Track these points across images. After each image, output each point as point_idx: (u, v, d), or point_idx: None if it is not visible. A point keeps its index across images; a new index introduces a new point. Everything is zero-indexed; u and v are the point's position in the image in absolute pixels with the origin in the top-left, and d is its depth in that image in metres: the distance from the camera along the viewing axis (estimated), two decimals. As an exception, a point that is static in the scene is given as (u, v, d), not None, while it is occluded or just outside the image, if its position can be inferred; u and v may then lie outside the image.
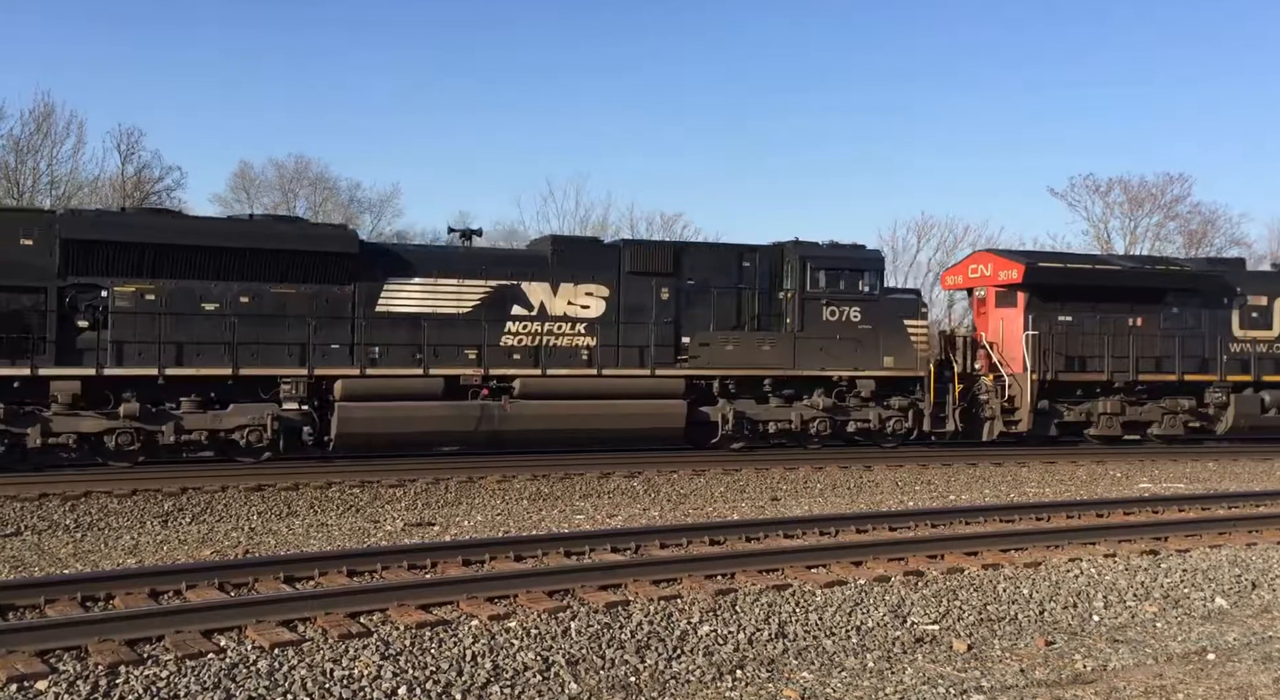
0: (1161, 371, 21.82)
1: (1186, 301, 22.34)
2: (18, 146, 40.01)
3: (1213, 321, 22.48)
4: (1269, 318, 23.06)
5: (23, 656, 6.44)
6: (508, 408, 17.14)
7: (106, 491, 13.46)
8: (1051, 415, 21.25)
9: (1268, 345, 22.81)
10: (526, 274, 18.10)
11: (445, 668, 6.74)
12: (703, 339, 18.85)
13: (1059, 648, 7.83)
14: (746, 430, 19.07)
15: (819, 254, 19.86)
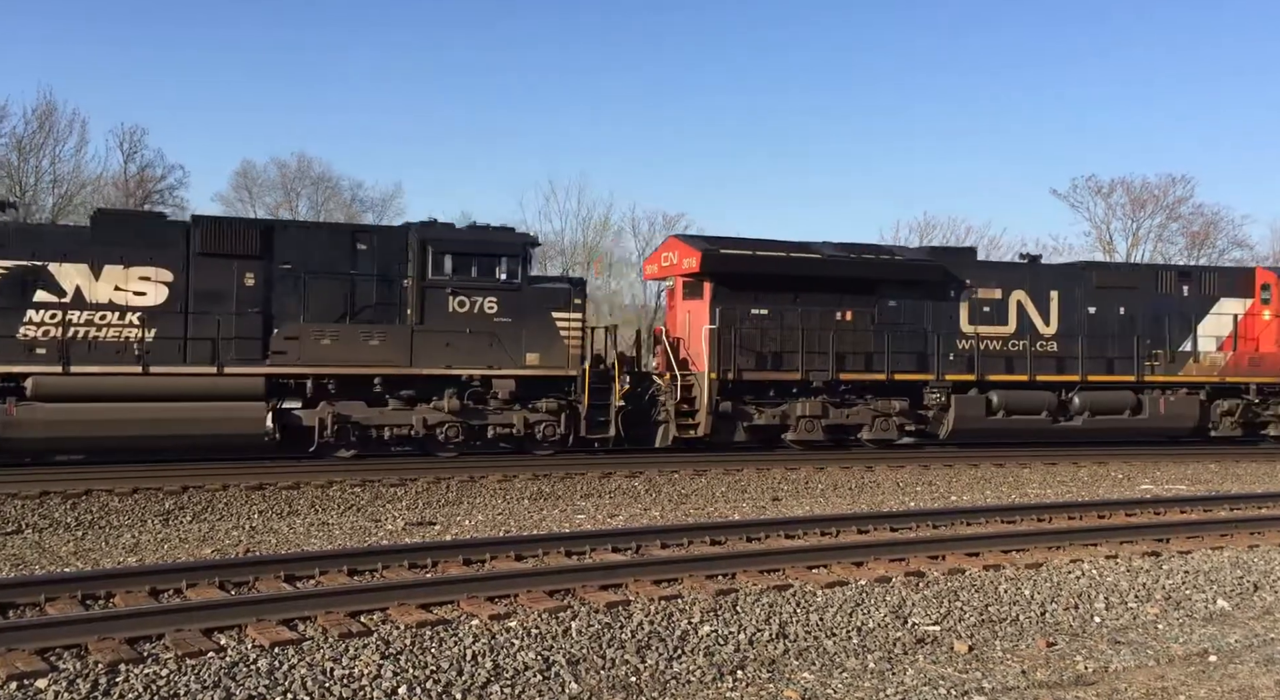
0: (871, 370, 19.76)
1: (905, 294, 20.22)
2: (20, 145, 40.09)
3: (936, 316, 20.40)
4: (1003, 312, 21.02)
5: (23, 654, 6.44)
6: (11, 412, 14.86)
7: (107, 490, 13.46)
8: (737, 418, 19.05)
9: (1001, 342, 20.77)
10: (57, 253, 15.57)
11: (446, 667, 6.74)
12: (290, 331, 16.44)
13: (1060, 649, 7.82)
14: (354, 436, 16.86)
15: (445, 237, 17.49)
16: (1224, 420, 22.28)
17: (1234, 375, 22.34)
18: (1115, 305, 21.78)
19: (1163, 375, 21.74)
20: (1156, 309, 22.00)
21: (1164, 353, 21.76)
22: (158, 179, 44.06)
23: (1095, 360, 21.32)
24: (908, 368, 20.11)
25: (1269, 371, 22.57)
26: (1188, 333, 22.07)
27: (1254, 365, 22.45)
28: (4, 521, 11.68)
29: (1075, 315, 21.39)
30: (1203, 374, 22.09)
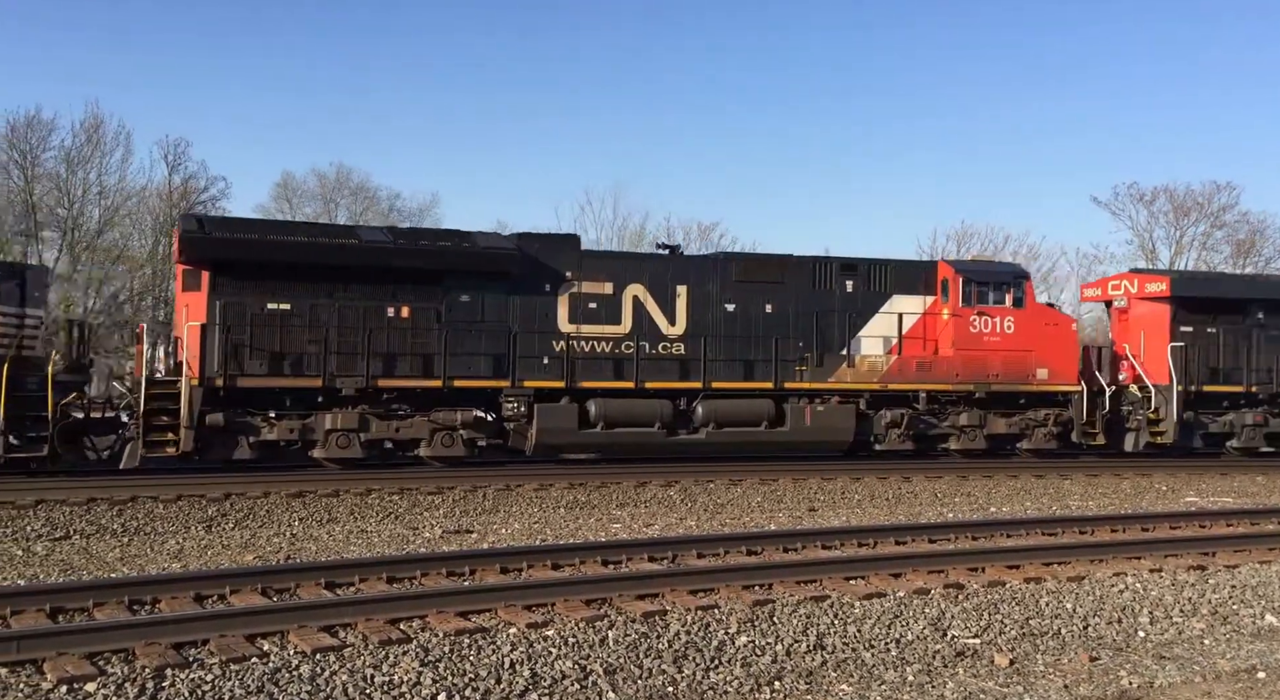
0: (428, 375, 16.98)
1: (481, 288, 17.46)
2: (69, 157, 40.94)
3: (526, 316, 17.60)
4: (615, 310, 18.13)
5: (72, 659, 6.57)
6: None
7: (153, 496, 13.70)
8: (236, 432, 16.15)
9: (611, 343, 18.02)
10: None
11: (484, 675, 6.78)
12: None
13: (1104, 664, 7.71)
14: None
15: None
16: (890, 432, 19.41)
17: (899, 381, 19.35)
18: (761, 302, 18.84)
19: (809, 382, 18.77)
20: (809, 306, 19.00)
21: (812, 356, 18.90)
22: (201, 190, 44.82)
23: (730, 364, 18.50)
24: (480, 372, 17.23)
25: (942, 377, 19.62)
26: (848, 334, 19.22)
27: (924, 370, 19.53)
28: (53, 527, 11.93)
29: (709, 313, 18.60)
30: (859, 380, 19.10)
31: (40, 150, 40.64)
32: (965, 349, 19.78)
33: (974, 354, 19.81)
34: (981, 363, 19.84)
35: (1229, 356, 21.67)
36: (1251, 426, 21.82)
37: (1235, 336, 21.76)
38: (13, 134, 39.98)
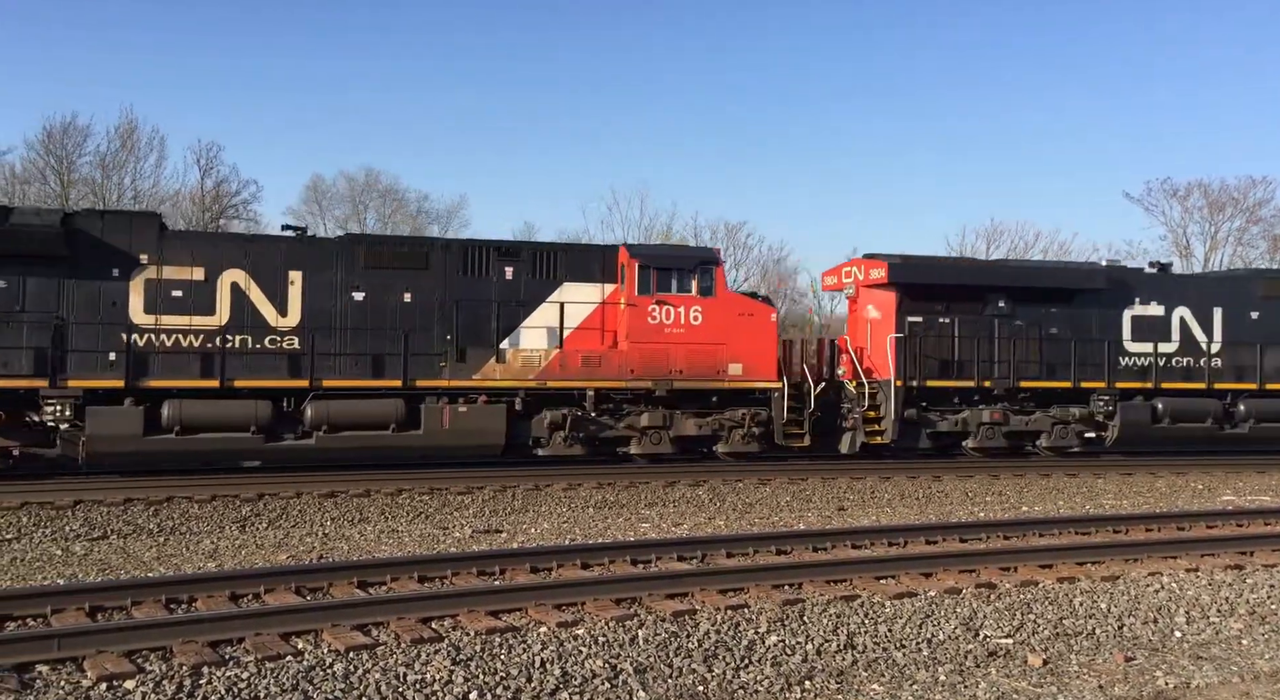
0: None
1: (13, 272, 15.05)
2: (104, 163, 41.58)
3: (85, 305, 15.35)
4: (209, 299, 15.86)
5: (112, 656, 6.69)
6: None
7: (188, 497, 13.89)
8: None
9: (203, 337, 15.78)
10: None
11: (515, 674, 6.82)
12: None
13: (1139, 664, 7.63)
14: None
15: None
16: (554, 435, 17.26)
17: (559, 378, 17.27)
18: (399, 290, 16.79)
19: (450, 379, 16.79)
20: (456, 296, 16.96)
21: (451, 350, 16.83)
22: (233, 194, 45.38)
23: (355, 360, 16.45)
24: (17, 370, 14.94)
25: (613, 373, 17.54)
26: (504, 326, 17.11)
27: (591, 366, 17.43)
28: (91, 527, 12.12)
29: (331, 302, 16.44)
30: (512, 377, 17.05)
31: (76, 156, 41.35)
32: (642, 342, 17.62)
33: (653, 347, 17.65)
34: (663, 357, 17.71)
35: (964, 349, 19.61)
36: (988, 424, 19.72)
37: (972, 327, 19.69)
38: (49, 140, 40.70)
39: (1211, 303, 21.19)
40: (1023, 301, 20.07)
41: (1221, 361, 21.01)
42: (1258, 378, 21.01)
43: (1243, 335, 21.11)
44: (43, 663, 6.58)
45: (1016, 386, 19.84)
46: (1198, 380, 20.81)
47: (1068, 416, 20.08)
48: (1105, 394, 20.13)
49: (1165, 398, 20.43)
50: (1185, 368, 20.92)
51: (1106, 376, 20.12)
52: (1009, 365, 19.76)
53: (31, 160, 41.05)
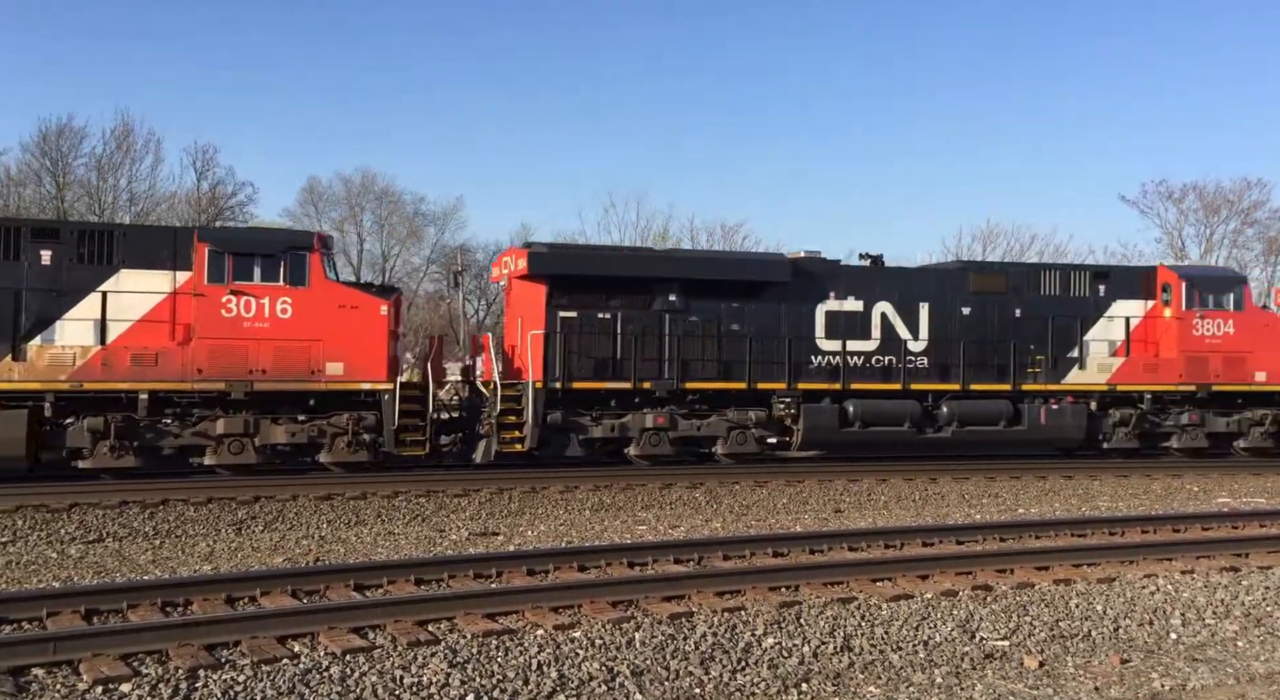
0: None
1: None
2: (100, 165, 41.49)
3: None
4: None
5: (108, 659, 6.67)
6: None
7: (183, 500, 13.86)
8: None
9: None
10: None
11: (512, 676, 6.82)
12: None
13: (1135, 666, 7.64)
14: None
15: None
16: (99, 444, 15.27)
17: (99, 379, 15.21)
18: None
19: None
20: None
21: None
22: (229, 196, 45.30)
23: None
24: None
25: (174, 373, 15.40)
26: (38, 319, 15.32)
27: (143, 364, 15.26)
28: (86, 530, 12.10)
29: None
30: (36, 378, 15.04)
31: (72, 158, 41.26)
32: (214, 337, 15.61)
33: (228, 343, 15.69)
34: (240, 354, 15.70)
35: (625, 347, 17.84)
36: (652, 430, 17.89)
37: (637, 323, 17.97)
38: (44, 142, 40.62)
39: (918, 298, 19.66)
40: (699, 295, 18.29)
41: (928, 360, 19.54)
42: None
43: (949, 332, 19.60)
44: (38, 666, 6.57)
45: (681, 388, 18.10)
46: (894, 380, 19.20)
47: (746, 420, 18.35)
48: (787, 395, 18.45)
49: (858, 399, 18.79)
50: (885, 367, 19.31)
51: (789, 377, 18.43)
52: (676, 365, 18.07)
53: (27, 162, 40.99)
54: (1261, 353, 20.73)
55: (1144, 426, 20.56)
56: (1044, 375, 20.00)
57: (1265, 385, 20.81)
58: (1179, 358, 20.42)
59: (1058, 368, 20.13)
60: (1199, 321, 20.54)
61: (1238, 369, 20.68)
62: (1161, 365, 20.50)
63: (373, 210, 53.52)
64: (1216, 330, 20.60)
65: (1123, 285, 20.86)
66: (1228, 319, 20.65)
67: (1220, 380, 20.60)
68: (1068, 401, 20.10)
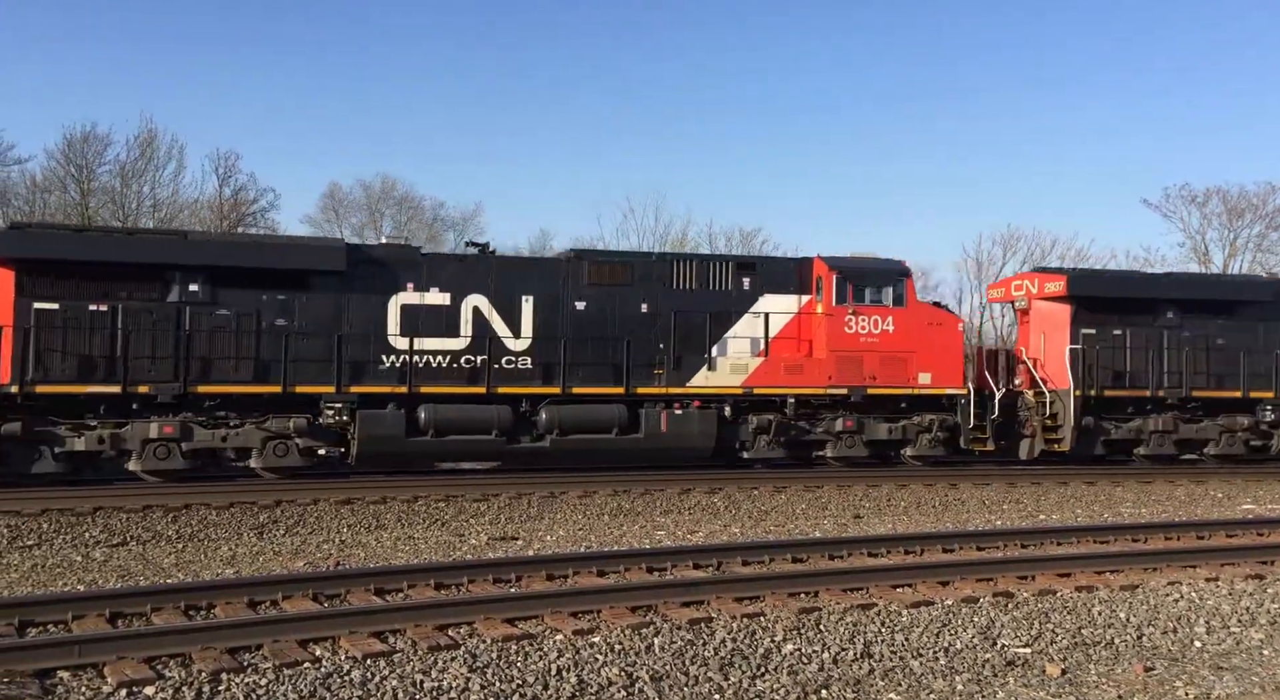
0: None
1: None
2: (124, 171, 41.91)
3: None
4: None
5: (132, 662, 6.73)
6: None
7: (206, 504, 13.98)
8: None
9: None
10: None
11: (531, 681, 6.83)
12: None
13: (1159, 674, 7.57)
14: None
15: None
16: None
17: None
18: None
19: None
20: None
21: None
22: (251, 202, 45.64)
23: None
24: None
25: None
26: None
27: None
28: (111, 534, 12.22)
29: None
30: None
31: (96, 165, 41.70)
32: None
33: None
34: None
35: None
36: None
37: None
38: (69, 149, 41.07)
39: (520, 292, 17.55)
40: (230, 285, 16.29)
41: None
42: None
43: None
44: (64, 669, 6.63)
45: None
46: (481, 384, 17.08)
47: (285, 429, 16.27)
48: (338, 400, 16.38)
49: (433, 404, 16.76)
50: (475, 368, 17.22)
51: (339, 379, 16.45)
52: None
53: (52, 169, 41.44)
54: (925, 353, 18.98)
55: (789, 434, 18.57)
56: (666, 377, 18.00)
57: (929, 388, 19.05)
58: (829, 358, 18.52)
59: (681, 368, 18.07)
60: (851, 318, 18.69)
61: (898, 370, 18.86)
62: (807, 365, 18.53)
63: (392, 216, 53.76)
64: (874, 328, 18.85)
65: (772, 278, 18.72)
66: (885, 315, 18.83)
67: (877, 383, 18.78)
68: (694, 406, 18.03)
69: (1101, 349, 20.14)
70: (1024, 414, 19.99)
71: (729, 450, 18.54)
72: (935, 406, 19.34)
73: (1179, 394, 20.35)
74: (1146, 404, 20.46)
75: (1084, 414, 19.81)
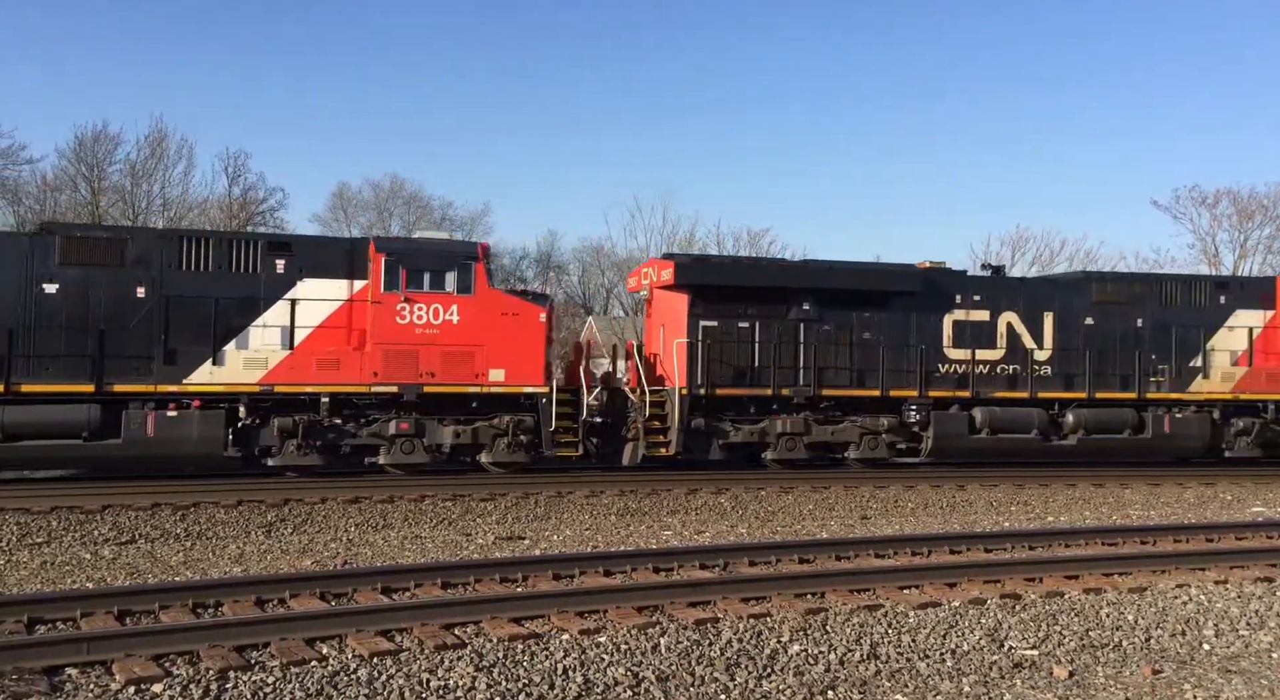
0: None
1: None
2: (134, 171, 42.10)
3: None
4: None
5: (140, 660, 6.76)
6: None
7: (214, 502, 14.02)
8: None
9: None
10: None
11: (538, 681, 6.84)
12: None
13: (1167, 677, 7.54)
14: None
15: None
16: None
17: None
18: None
19: None
20: None
21: None
22: (260, 201, 45.82)
23: None
24: None
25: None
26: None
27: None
28: (119, 532, 12.26)
29: None
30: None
31: (107, 164, 41.90)
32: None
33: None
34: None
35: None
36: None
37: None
38: (80, 149, 41.28)
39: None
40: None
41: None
42: None
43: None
44: (72, 666, 6.66)
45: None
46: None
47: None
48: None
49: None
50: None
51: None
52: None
53: (63, 169, 41.66)
54: (497, 347, 17.10)
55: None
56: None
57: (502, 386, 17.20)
58: (375, 351, 16.69)
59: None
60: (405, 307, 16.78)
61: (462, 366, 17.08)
62: (349, 359, 16.63)
63: (400, 215, 53.99)
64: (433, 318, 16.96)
65: (313, 261, 16.83)
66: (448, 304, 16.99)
67: (435, 379, 16.98)
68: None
69: (725, 344, 18.55)
70: (631, 414, 18.43)
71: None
72: (514, 406, 17.42)
73: (807, 393, 18.69)
74: (773, 404, 18.75)
75: (694, 414, 18.19)
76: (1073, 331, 20.31)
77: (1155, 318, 20.69)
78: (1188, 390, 20.64)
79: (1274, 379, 20.87)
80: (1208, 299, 21.18)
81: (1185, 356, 20.70)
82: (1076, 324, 20.36)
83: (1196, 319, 20.88)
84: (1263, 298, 21.42)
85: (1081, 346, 20.27)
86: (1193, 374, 20.73)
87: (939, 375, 19.48)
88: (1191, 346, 20.75)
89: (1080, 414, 19.96)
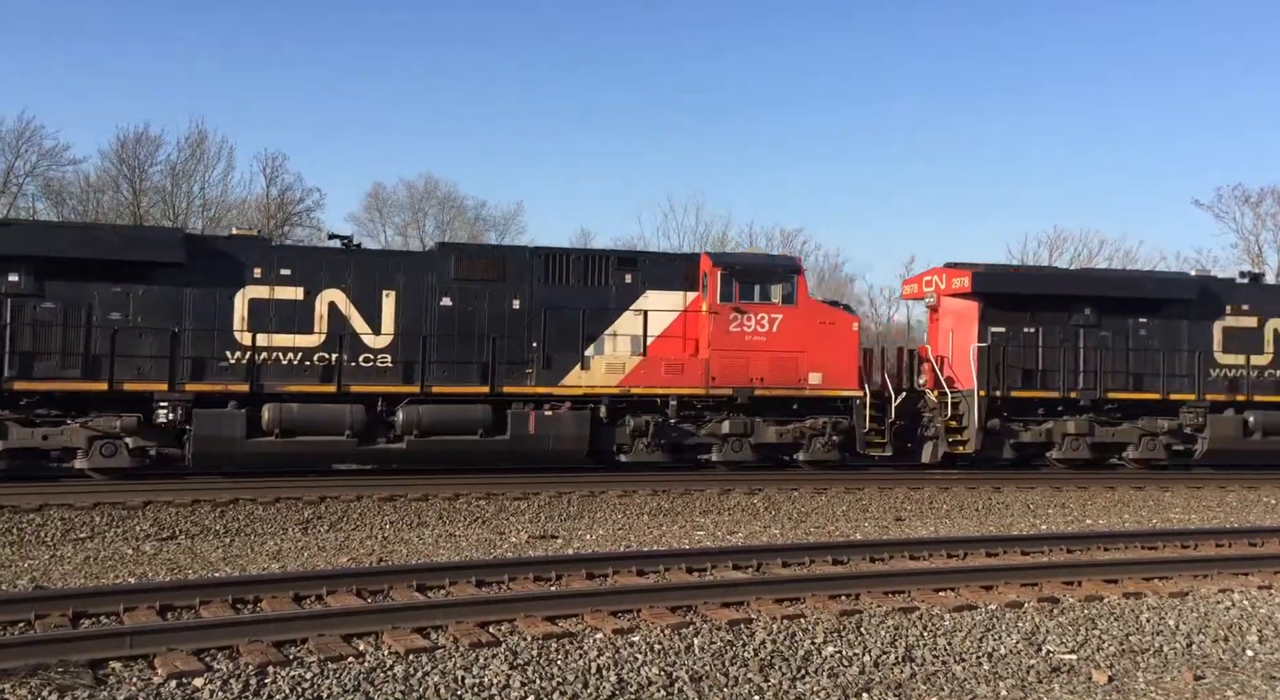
0: None
1: None
2: (174, 172, 42.72)
3: None
4: None
5: (181, 654, 6.87)
6: None
7: (252, 499, 14.20)
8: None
9: None
10: None
11: (571, 679, 6.87)
12: None
13: (1209, 683, 7.42)
14: None
15: None
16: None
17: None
18: None
19: None
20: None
21: None
22: (297, 201, 46.30)
23: None
24: None
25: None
26: None
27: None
28: (160, 528, 12.46)
29: None
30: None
31: (148, 165, 42.54)
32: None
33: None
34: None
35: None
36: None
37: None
38: (122, 150, 41.94)
39: None
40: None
41: None
42: None
43: None
44: (116, 660, 6.78)
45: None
46: None
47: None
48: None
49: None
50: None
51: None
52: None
53: (105, 170, 42.35)
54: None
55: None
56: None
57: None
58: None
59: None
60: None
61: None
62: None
63: (435, 215, 54.28)
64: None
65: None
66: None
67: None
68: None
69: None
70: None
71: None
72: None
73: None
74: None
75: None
76: None
77: (539, 297, 17.45)
78: (560, 384, 17.39)
79: (675, 370, 17.73)
80: (610, 278, 17.89)
81: (565, 344, 17.48)
82: None
83: (591, 300, 17.61)
84: (684, 277, 18.13)
85: None
86: (570, 364, 17.48)
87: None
88: (575, 332, 17.45)
89: None
